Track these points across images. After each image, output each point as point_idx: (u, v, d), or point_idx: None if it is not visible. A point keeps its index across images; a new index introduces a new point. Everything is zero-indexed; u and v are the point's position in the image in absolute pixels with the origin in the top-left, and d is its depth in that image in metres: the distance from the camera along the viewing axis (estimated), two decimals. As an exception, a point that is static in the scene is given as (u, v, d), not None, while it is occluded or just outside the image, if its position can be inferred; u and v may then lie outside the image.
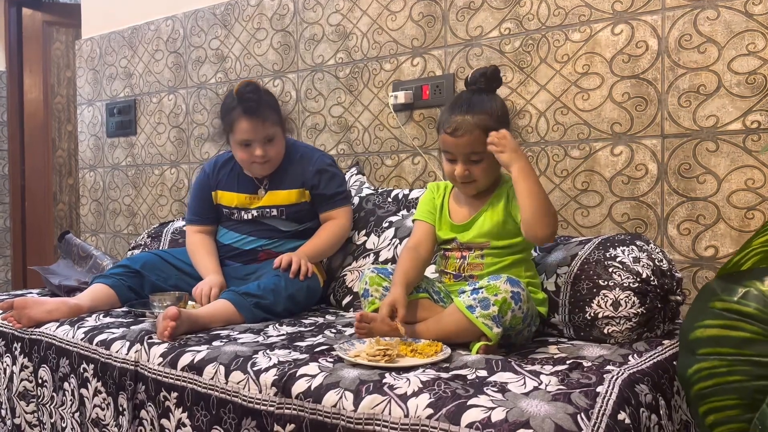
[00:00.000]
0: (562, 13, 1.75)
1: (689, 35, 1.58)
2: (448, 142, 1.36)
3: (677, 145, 1.60)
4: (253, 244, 1.82)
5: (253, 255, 1.82)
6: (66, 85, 3.93)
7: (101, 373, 1.41)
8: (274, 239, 1.82)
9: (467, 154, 1.35)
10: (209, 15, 2.57)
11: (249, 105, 1.71)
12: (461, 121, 1.33)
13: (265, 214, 1.82)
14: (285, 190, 1.81)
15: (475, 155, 1.35)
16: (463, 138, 1.33)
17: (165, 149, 2.78)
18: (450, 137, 1.35)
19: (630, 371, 1.09)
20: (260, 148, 1.74)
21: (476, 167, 1.36)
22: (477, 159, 1.35)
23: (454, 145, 1.35)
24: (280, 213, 1.81)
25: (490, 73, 1.38)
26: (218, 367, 1.21)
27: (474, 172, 1.36)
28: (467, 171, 1.36)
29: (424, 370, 1.09)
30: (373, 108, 2.12)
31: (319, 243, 1.77)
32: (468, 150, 1.34)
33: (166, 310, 1.39)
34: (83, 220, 3.19)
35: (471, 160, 1.35)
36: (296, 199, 1.81)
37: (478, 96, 1.37)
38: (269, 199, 1.81)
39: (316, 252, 1.76)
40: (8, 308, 1.67)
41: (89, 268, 2.17)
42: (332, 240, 1.79)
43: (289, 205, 1.81)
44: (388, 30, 2.08)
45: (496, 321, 1.20)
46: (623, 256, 1.33)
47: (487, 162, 1.35)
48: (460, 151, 1.35)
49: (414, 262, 1.39)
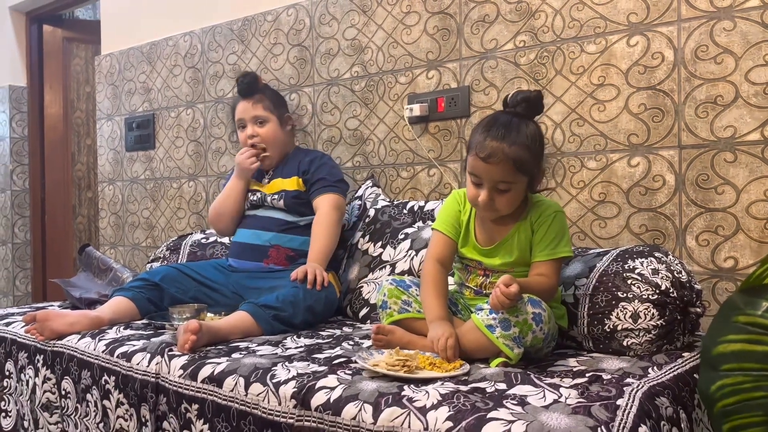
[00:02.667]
0: (577, 25, 1.75)
1: (706, 46, 1.57)
2: (478, 167, 1.29)
3: (695, 156, 1.60)
4: (262, 239, 1.89)
5: (263, 251, 1.87)
6: (85, 100, 3.99)
7: (123, 385, 1.43)
8: (281, 231, 1.88)
9: (495, 182, 1.28)
10: (227, 30, 2.61)
11: (242, 87, 1.98)
12: (496, 147, 1.26)
13: (266, 200, 1.93)
14: (285, 179, 1.95)
15: (503, 184, 1.29)
16: (495, 166, 1.27)
17: (183, 163, 2.81)
18: (481, 162, 1.28)
19: (650, 384, 1.08)
20: (251, 127, 1.96)
21: (501, 197, 1.30)
22: (504, 189, 1.29)
23: (485, 171, 1.28)
24: (279, 197, 1.91)
25: (534, 98, 1.31)
26: (238, 379, 1.22)
27: (498, 202, 1.30)
28: (491, 200, 1.30)
29: (443, 383, 1.09)
30: (389, 121, 2.14)
31: (320, 244, 1.81)
32: (497, 178, 1.28)
33: (187, 323, 1.41)
34: (102, 232, 3.23)
35: (498, 189, 1.29)
36: (293, 186, 1.92)
37: (516, 122, 1.29)
38: (271, 186, 1.95)
39: (322, 254, 1.80)
40: (31, 321, 1.69)
41: (109, 280, 2.20)
42: (327, 236, 1.82)
43: (288, 191, 1.91)
44: (403, 44, 2.10)
45: (517, 342, 1.19)
46: (642, 268, 1.33)
47: (513, 193, 1.30)
48: (489, 178, 1.28)
49: (443, 282, 1.37)
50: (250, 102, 1.97)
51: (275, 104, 2.00)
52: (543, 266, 1.32)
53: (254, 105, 1.97)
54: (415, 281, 1.42)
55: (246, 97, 1.98)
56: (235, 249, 1.94)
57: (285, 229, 1.89)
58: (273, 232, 1.89)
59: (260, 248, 1.88)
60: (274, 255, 1.87)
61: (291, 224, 1.89)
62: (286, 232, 1.89)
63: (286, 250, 1.85)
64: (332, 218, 1.84)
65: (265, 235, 1.89)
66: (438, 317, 1.30)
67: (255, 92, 1.98)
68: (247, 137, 1.96)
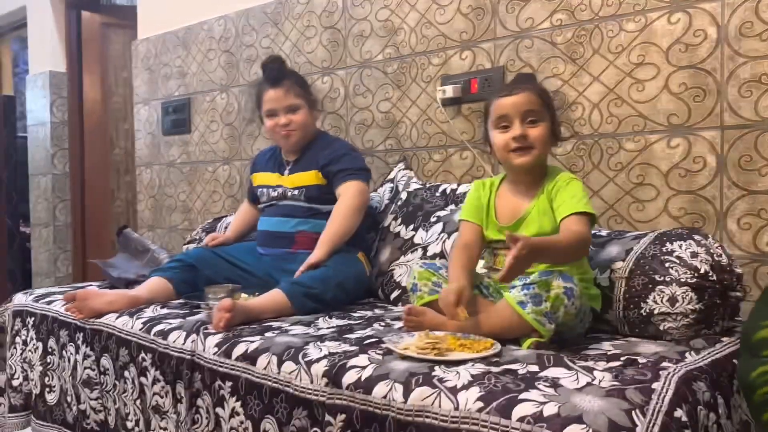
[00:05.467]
0: (616, 2, 1.71)
1: (750, 23, 1.52)
2: (504, 104, 1.33)
3: (737, 137, 1.55)
4: (286, 225, 1.88)
5: (289, 237, 1.87)
6: (123, 85, 4.06)
7: (159, 362, 1.46)
8: (305, 217, 1.88)
9: (524, 113, 1.32)
10: (260, 14, 2.61)
11: (272, 74, 1.90)
12: (518, 84, 1.33)
13: (287, 194, 1.91)
14: (304, 172, 1.90)
15: (532, 114, 1.32)
16: (520, 96, 1.31)
17: (218, 146, 2.85)
18: (506, 97, 1.33)
19: (687, 368, 1.06)
20: (284, 116, 1.88)
21: (534, 129, 1.32)
22: (534, 119, 1.32)
23: (511, 105, 1.32)
24: (300, 193, 1.89)
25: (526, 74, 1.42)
26: (271, 357, 1.23)
27: (531, 135, 1.32)
28: (524, 133, 1.32)
29: (473, 364, 1.09)
30: (421, 103, 2.12)
31: (335, 227, 1.78)
32: (525, 108, 1.31)
33: (222, 302, 1.43)
34: (140, 215, 3.29)
35: (528, 121, 1.32)
36: (312, 180, 1.89)
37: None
38: (291, 180, 1.92)
39: (335, 236, 1.77)
40: (71, 299, 1.74)
41: (147, 261, 2.24)
42: (343, 218, 1.79)
43: (308, 187, 1.89)
44: (437, 24, 2.07)
45: (549, 317, 1.18)
46: (680, 251, 1.29)
47: (542, 128, 1.32)
48: (518, 110, 1.32)
49: (468, 258, 1.38)
50: (281, 90, 1.89)
51: (301, 86, 1.95)
52: (569, 221, 1.29)
53: (286, 94, 1.89)
54: (446, 264, 1.41)
55: (275, 84, 1.89)
56: (262, 237, 1.94)
57: (309, 215, 1.88)
58: (298, 218, 1.88)
59: (287, 235, 1.88)
60: (301, 240, 1.86)
61: (314, 210, 1.88)
62: (310, 218, 1.88)
63: (312, 234, 1.84)
64: (353, 203, 1.81)
65: (290, 222, 1.88)
66: (453, 281, 1.31)
67: (284, 78, 1.91)
68: (279, 125, 1.89)
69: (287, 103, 1.89)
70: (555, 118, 1.39)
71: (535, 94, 1.33)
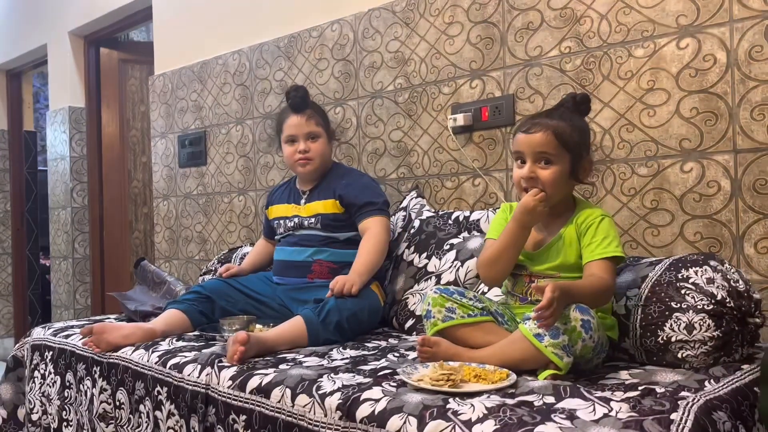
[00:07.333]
0: (624, 29, 1.72)
1: (760, 46, 1.52)
2: (520, 141, 1.33)
3: (751, 160, 1.53)
4: (303, 254, 1.89)
5: (306, 266, 1.88)
6: (140, 118, 4.13)
7: (174, 396, 1.46)
8: (321, 246, 1.88)
9: (536, 153, 1.31)
10: (273, 48, 2.66)
11: (295, 102, 1.94)
12: (537, 120, 1.32)
13: (303, 224, 1.93)
14: (321, 201, 1.92)
15: (544, 155, 1.31)
16: (535, 135, 1.31)
17: (233, 178, 2.88)
18: (522, 134, 1.33)
19: (707, 398, 1.04)
20: (304, 143, 1.92)
21: (544, 171, 1.31)
22: (546, 161, 1.31)
23: (525, 143, 1.32)
24: (317, 221, 1.91)
25: (581, 96, 1.37)
26: (285, 390, 1.23)
27: (541, 176, 1.31)
28: (533, 173, 1.31)
29: (488, 396, 1.08)
30: (432, 131, 2.14)
31: (366, 258, 1.80)
32: (538, 148, 1.30)
33: (236, 334, 1.43)
34: (157, 247, 3.32)
35: (540, 161, 1.31)
36: (329, 209, 1.90)
37: (562, 110, 1.35)
38: (308, 209, 1.94)
39: (366, 268, 1.78)
40: (88, 333, 1.75)
41: (163, 293, 2.26)
42: (375, 252, 1.81)
43: (324, 215, 1.90)
44: (446, 54, 2.09)
45: (567, 350, 1.17)
46: (696, 277, 1.28)
47: (556, 169, 1.31)
48: (531, 150, 1.31)
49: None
50: (303, 117, 1.93)
51: (321, 116, 2.00)
52: (595, 266, 1.28)
53: (308, 121, 1.93)
54: (459, 289, 1.40)
55: (298, 111, 1.94)
56: (278, 267, 1.95)
57: (325, 244, 1.89)
58: (314, 247, 1.89)
59: (303, 264, 1.89)
60: (318, 270, 1.87)
61: (331, 239, 1.89)
62: (326, 247, 1.88)
63: (329, 264, 1.85)
64: (382, 238, 1.83)
65: (306, 251, 1.89)
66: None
67: (307, 107, 1.95)
68: (299, 152, 1.92)
69: (308, 130, 1.93)
70: (578, 157, 1.34)
71: (553, 134, 1.30)
